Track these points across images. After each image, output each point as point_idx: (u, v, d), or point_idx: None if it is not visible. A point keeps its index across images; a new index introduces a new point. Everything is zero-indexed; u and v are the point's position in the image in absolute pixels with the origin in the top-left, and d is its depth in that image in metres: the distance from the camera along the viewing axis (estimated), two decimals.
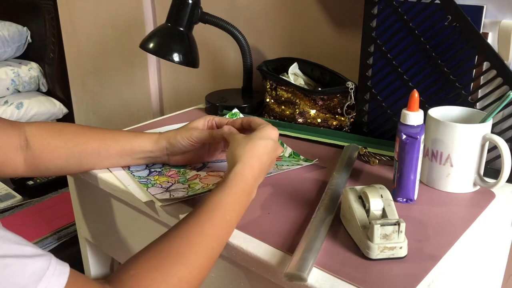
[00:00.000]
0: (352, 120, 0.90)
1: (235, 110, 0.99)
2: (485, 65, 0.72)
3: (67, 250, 1.24)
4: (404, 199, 0.67)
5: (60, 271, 0.44)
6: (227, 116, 0.97)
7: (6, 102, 1.85)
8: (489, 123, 0.68)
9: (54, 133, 0.72)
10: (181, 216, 0.65)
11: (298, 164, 0.79)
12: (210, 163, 0.81)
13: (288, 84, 0.95)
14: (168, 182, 0.73)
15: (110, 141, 0.74)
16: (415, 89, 0.64)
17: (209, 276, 0.67)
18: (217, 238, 0.55)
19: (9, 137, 0.69)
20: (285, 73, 1.00)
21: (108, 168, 0.77)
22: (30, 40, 1.97)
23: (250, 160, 0.62)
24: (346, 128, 0.91)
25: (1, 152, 0.68)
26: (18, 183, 1.54)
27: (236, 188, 0.59)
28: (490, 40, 0.72)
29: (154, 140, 0.75)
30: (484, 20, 0.72)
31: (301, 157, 0.83)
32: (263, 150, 0.63)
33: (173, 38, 1.00)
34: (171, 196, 0.69)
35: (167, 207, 0.67)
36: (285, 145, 0.86)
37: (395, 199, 0.66)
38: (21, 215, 1.37)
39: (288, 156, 0.84)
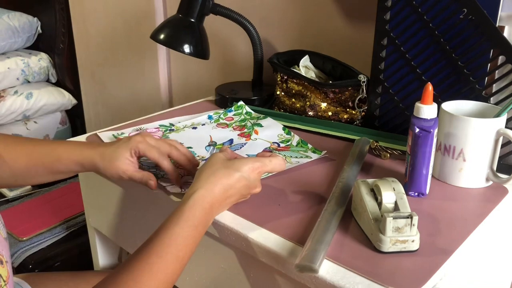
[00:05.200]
0: (363, 113, 0.89)
1: (241, 102, 0.98)
2: (501, 59, 0.71)
3: (76, 240, 1.25)
4: (416, 193, 0.67)
5: None
6: (232, 109, 0.97)
7: (16, 92, 1.86)
8: (503, 118, 0.67)
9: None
10: None
11: (307, 157, 0.79)
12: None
13: (299, 76, 0.95)
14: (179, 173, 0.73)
15: (38, 160, 0.69)
16: (429, 82, 0.64)
17: (219, 267, 0.67)
18: (168, 277, 0.52)
19: None
20: (296, 66, 0.99)
21: None
22: (40, 31, 1.97)
23: (213, 187, 0.57)
24: (357, 121, 0.90)
25: None
26: None
27: (192, 220, 0.54)
28: (506, 33, 0.71)
29: (80, 166, 0.69)
30: (500, 13, 0.71)
31: (309, 145, 0.82)
32: (233, 182, 0.58)
33: (184, 29, 0.99)
34: (182, 190, 0.69)
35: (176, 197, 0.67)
36: (292, 133, 0.86)
37: (406, 193, 0.66)
38: (30, 205, 1.38)
39: (296, 145, 0.83)
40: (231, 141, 0.86)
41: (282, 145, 0.84)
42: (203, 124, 0.93)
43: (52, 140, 0.75)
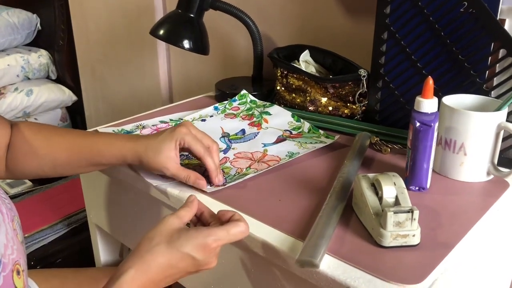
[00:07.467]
0: (364, 108, 0.89)
1: (244, 91, 0.98)
2: (501, 52, 0.71)
3: (77, 236, 1.25)
4: (417, 188, 0.67)
5: None
6: (236, 98, 0.97)
7: (16, 89, 1.86)
8: (504, 112, 0.67)
9: (30, 137, 0.68)
10: None
11: (321, 142, 0.80)
12: (234, 143, 0.81)
13: (299, 71, 0.95)
14: (201, 167, 0.72)
15: (79, 154, 0.69)
16: (429, 76, 0.64)
17: (220, 262, 0.67)
18: None
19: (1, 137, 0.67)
20: (296, 61, 0.99)
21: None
22: (40, 27, 1.97)
23: (147, 268, 0.49)
24: (358, 116, 0.90)
25: None
26: None
27: None
28: (507, 26, 0.71)
29: (122, 159, 0.68)
30: (501, 6, 0.70)
31: (321, 131, 0.83)
32: (174, 262, 0.50)
33: (183, 24, 0.99)
34: (208, 186, 0.68)
35: (174, 191, 0.67)
36: (302, 120, 0.88)
37: (407, 188, 0.65)
38: (31, 201, 1.38)
39: (308, 132, 0.84)
40: (243, 131, 0.87)
41: (294, 132, 0.85)
42: (211, 116, 0.93)
43: (92, 132, 0.75)
